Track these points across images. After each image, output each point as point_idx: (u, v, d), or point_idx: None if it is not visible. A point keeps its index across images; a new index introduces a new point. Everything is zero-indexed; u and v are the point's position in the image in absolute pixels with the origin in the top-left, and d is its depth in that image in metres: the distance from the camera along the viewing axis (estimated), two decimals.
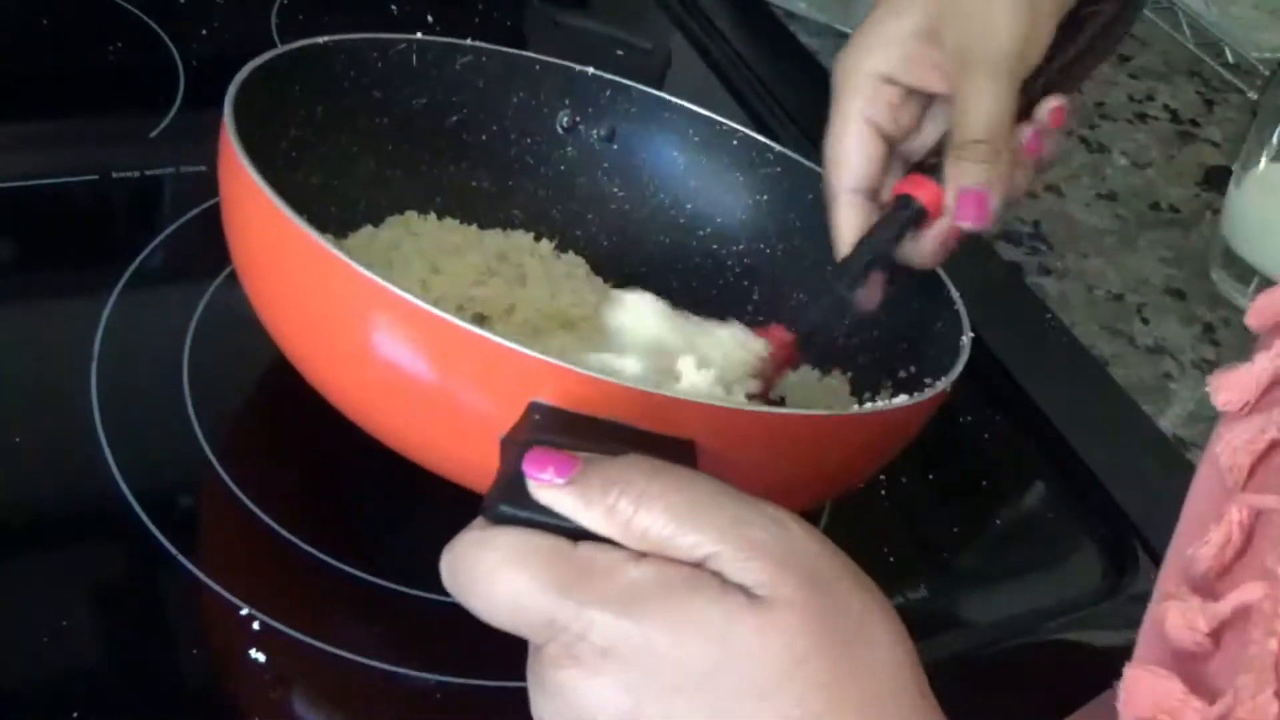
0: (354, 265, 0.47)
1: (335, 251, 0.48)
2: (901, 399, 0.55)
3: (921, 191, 0.59)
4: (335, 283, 0.49)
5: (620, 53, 0.85)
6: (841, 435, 0.53)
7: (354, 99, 0.67)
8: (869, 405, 0.55)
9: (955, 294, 0.61)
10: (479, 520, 0.39)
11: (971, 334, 0.58)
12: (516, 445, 0.42)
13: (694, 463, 0.46)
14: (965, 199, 0.56)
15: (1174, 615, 0.35)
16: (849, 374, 0.66)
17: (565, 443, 0.42)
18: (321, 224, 0.65)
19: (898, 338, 0.64)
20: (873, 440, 0.55)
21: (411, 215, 0.69)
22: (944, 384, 0.55)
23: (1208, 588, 0.35)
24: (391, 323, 0.48)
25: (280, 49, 0.61)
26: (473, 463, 0.50)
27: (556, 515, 0.38)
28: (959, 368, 0.56)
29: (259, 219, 0.52)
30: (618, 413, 0.45)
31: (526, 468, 0.38)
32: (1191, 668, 0.34)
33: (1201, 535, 0.35)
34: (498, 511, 0.38)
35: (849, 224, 0.60)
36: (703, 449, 0.46)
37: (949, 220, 0.58)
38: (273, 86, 0.61)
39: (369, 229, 0.68)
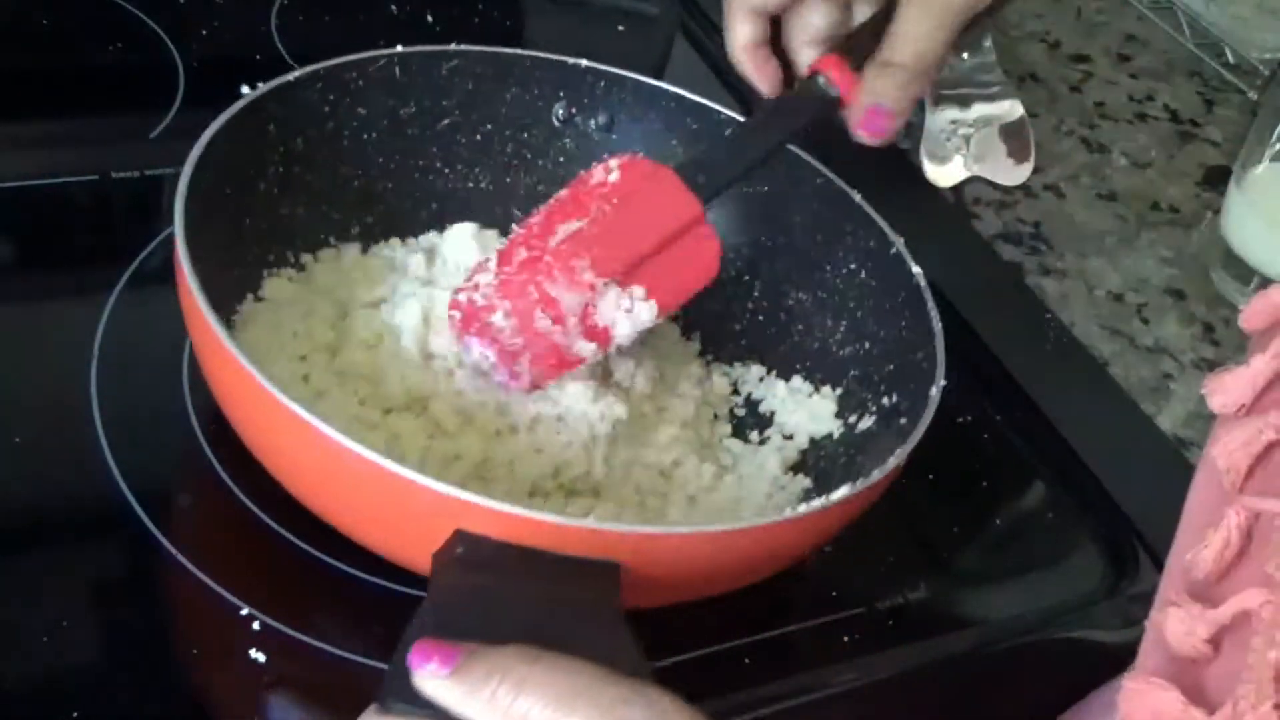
0: (286, 402, 0.47)
1: (272, 389, 0.48)
2: (842, 491, 0.52)
3: (836, 74, 0.59)
4: (275, 419, 0.49)
5: (621, 28, 0.84)
6: (772, 541, 0.52)
7: (337, 121, 0.66)
8: (803, 507, 0.52)
9: (938, 327, 0.60)
10: (374, 707, 0.40)
11: (944, 383, 0.57)
12: (431, 595, 0.45)
13: (618, 583, 0.47)
14: (872, 113, 0.58)
15: (1174, 622, 0.35)
16: (838, 391, 0.66)
17: (482, 580, 0.45)
18: (312, 249, 0.66)
19: (886, 358, 0.64)
20: (810, 535, 0.54)
21: (395, 242, 0.69)
22: (897, 458, 0.53)
23: (1207, 593, 0.35)
24: (321, 458, 0.48)
25: (249, 96, 0.61)
26: (408, 561, 0.52)
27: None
28: (919, 431, 0.55)
29: (201, 332, 0.52)
30: (541, 542, 0.46)
31: (412, 660, 0.40)
32: (1191, 674, 0.34)
33: (1200, 540, 0.35)
34: (388, 706, 0.40)
35: (739, 33, 0.63)
36: (629, 569, 0.47)
37: (856, 115, 0.59)
38: (246, 133, 0.60)
39: (362, 260, 0.67)
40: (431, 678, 0.39)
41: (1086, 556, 0.67)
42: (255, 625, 0.53)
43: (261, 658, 0.52)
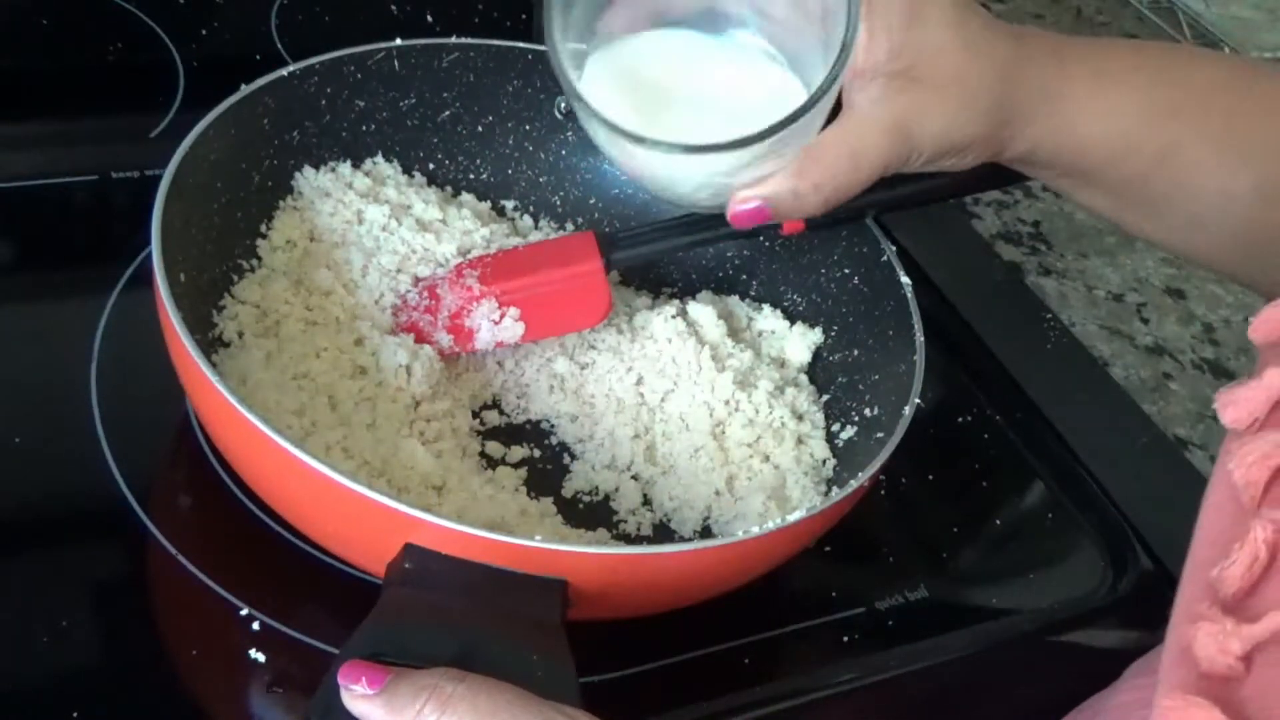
0: (253, 419, 0.48)
1: (240, 406, 0.48)
2: (796, 515, 0.51)
3: None
4: (245, 437, 0.50)
5: None
6: (720, 563, 0.52)
7: (334, 114, 0.66)
8: (754, 529, 0.51)
9: (920, 340, 0.60)
10: None
11: (918, 401, 0.57)
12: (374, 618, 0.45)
13: (565, 600, 0.47)
14: (753, 212, 0.51)
15: (1204, 637, 0.34)
16: (824, 397, 0.66)
17: (427, 594, 0.46)
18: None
19: (871, 367, 0.64)
20: (759, 556, 0.54)
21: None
22: (861, 480, 0.53)
23: (1238, 609, 0.34)
24: (282, 472, 0.49)
25: (244, 91, 0.61)
26: (369, 569, 0.53)
27: None
28: (884, 456, 0.54)
29: (175, 346, 0.53)
30: (488, 557, 0.47)
31: (341, 679, 0.42)
32: (1221, 692, 0.34)
33: (1224, 554, 0.35)
34: None
35: None
36: (576, 586, 0.48)
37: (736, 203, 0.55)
38: (238, 128, 0.61)
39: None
40: (359, 698, 0.41)
41: (1086, 556, 0.67)
42: (255, 625, 0.53)
43: (261, 658, 0.52)
